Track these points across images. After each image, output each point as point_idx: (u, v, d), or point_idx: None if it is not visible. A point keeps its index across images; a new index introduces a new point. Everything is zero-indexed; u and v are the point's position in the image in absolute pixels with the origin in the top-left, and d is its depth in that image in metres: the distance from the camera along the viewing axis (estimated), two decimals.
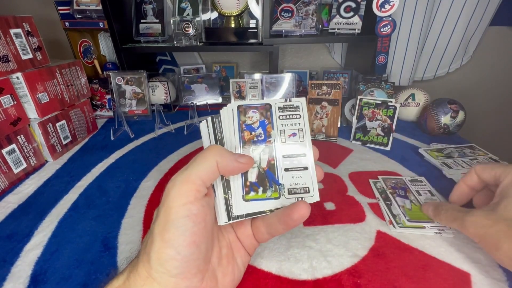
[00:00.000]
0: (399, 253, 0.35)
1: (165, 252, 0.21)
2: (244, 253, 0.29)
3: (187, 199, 0.22)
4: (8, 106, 0.49)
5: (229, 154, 0.25)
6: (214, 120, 0.28)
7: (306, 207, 0.25)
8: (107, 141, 0.66)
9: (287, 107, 0.28)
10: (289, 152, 0.27)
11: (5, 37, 0.49)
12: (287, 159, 0.27)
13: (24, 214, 0.44)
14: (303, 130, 0.28)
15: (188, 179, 0.22)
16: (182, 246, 0.21)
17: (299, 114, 0.28)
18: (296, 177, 0.27)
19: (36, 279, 0.33)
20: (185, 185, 0.22)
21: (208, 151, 0.24)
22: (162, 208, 0.22)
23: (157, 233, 0.22)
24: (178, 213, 0.21)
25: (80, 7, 0.78)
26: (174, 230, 0.21)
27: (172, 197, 0.22)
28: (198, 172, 0.23)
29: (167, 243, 0.21)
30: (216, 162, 0.23)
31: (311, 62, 1.03)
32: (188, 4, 0.83)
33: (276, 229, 0.26)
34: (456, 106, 0.62)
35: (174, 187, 0.22)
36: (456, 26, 0.85)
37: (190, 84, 0.85)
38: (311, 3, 0.79)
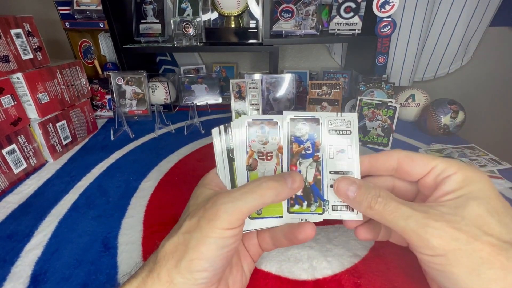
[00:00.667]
0: (399, 253, 0.35)
1: (199, 264, 0.21)
2: (250, 260, 0.29)
3: (233, 226, 0.22)
4: (8, 106, 0.49)
5: (284, 187, 0.24)
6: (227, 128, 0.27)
7: (312, 229, 0.25)
8: (107, 141, 0.66)
9: (338, 121, 0.27)
10: (336, 168, 0.27)
11: (6, 37, 0.49)
12: (334, 175, 0.27)
13: (24, 214, 0.44)
14: (352, 147, 0.27)
15: (240, 212, 0.22)
16: (217, 261, 0.22)
17: (350, 130, 0.27)
18: None
19: (36, 279, 0.33)
20: (236, 215, 0.22)
21: (266, 189, 0.23)
22: (205, 221, 0.22)
23: (194, 244, 0.22)
24: (222, 234, 0.22)
25: (81, 7, 0.78)
26: (214, 247, 0.22)
27: (221, 222, 0.22)
28: (251, 208, 0.23)
29: (202, 255, 0.21)
30: (271, 201, 0.24)
31: (311, 63, 1.03)
32: (188, 4, 0.83)
33: (280, 243, 0.27)
34: (456, 106, 0.62)
35: (225, 213, 0.22)
36: (456, 26, 0.85)
37: (190, 84, 0.85)
38: (311, 3, 0.79)
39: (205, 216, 0.23)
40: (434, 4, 0.82)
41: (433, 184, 0.24)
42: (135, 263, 0.35)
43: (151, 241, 0.38)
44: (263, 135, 0.27)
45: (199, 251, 0.21)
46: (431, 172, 0.24)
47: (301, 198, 0.27)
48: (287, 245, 0.27)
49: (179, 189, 0.48)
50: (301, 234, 0.25)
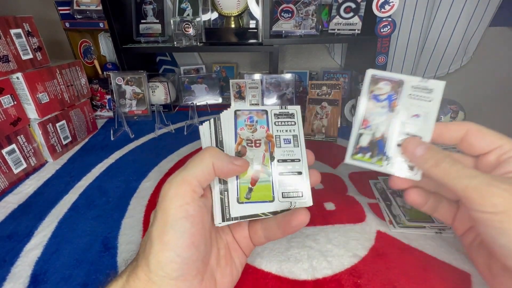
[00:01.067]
0: (399, 253, 0.35)
1: (165, 255, 0.21)
2: (241, 253, 0.29)
3: (184, 200, 0.22)
4: (8, 106, 0.49)
5: (225, 156, 0.25)
6: (216, 121, 0.28)
7: (306, 214, 0.25)
8: (107, 141, 0.66)
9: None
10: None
11: (5, 37, 0.49)
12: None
13: (24, 214, 0.44)
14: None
15: (184, 180, 0.22)
16: (181, 248, 0.21)
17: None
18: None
19: (36, 279, 0.33)
20: (182, 186, 0.22)
21: (205, 153, 0.24)
22: (159, 210, 0.22)
23: (155, 236, 0.21)
24: (176, 215, 0.21)
25: (80, 7, 0.78)
26: (173, 232, 0.21)
27: (169, 198, 0.22)
28: (194, 173, 0.23)
29: (166, 246, 0.21)
30: (212, 163, 0.24)
31: (311, 63, 1.03)
32: (188, 4, 0.83)
33: (273, 234, 0.27)
34: (456, 106, 0.62)
35: (170, 188, 0.22)
36: (456, 26, 0.85)
37: (190, 85, 0.85)
38: (311, 3, 0.79)
39: (158, 203, 0.22)
40: (434, 4, 0.82)
41: (494, 162, 0.24)
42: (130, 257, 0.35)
43: None
44: (252, 124, 0.29)
45: (162, 242, 0.21)
46: (496, 150, 0.24)
47: (366, 149, 0.28)
48: (280, 236, 0.26)
49: None
50: (294, 220, 0.25)
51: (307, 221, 0.25)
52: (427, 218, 0.38)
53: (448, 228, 0.37)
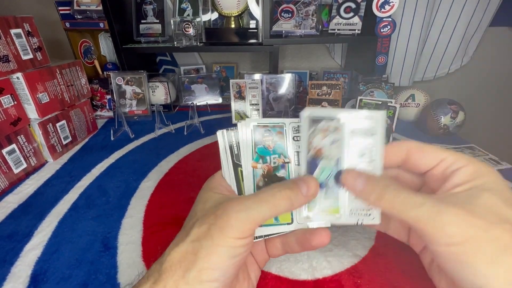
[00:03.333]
0: (399, 253, 0.35)
1: (210, 274, 0.20)
2: (257, 267, 0.28)
3: (246, 235, 0.22)
4: (8, 106, 0.49)
5: (298, 196, 0.23)
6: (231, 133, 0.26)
7: (327, 235, 0.24)
8: (107, 141, 0.66)
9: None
10: None
11: (6, 37, 0.49)
12: None
13: (24, 214, 0.44)
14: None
15: (253, 221, 0.22)
16: (229, 269, 0.21)
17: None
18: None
19: (36, 279, 0.33)
20: (249, 225, 0.21)
21: (280, 199, 0.22)
22: (216, 229, 0.21)
23: (204, 253, 0.21)
24: (234, 243, 0.21)
25: (81, 8, 0.78)
26: (225, 256, 0.21)
27: (233, 231, 0.21)
28: (264, 217, 0.22)
29: (214, 265, 0.21)
30: (285, 211, 0.23)
31: (311, 63, 1.03)
32: (189, 4, 0.83)
33: (292, 248, 0.26)
34: (456, 106, 0.62)
35: (237, 222, 0.21)
36: (456, 26, 0.85)
37: (190, 85, 0.85)
38: (311, 3, 0.79)
39: (216, 223, 0.22)
40: (434, 4, 0.82)
41: (441, 177, 0.23)
42: (135, 263, 0.35)
43: (151, 241, 0.38)
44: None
45: (210, 261, 0.21)
46: (440, 164, 0.23)
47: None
48: (298, 251, 0.26)
49: (179, 189, 0.48)
50: (315, 239, 0.24)
51: (328, 241, 0.24)
52: None
53: None
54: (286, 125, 0.26)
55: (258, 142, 0.26)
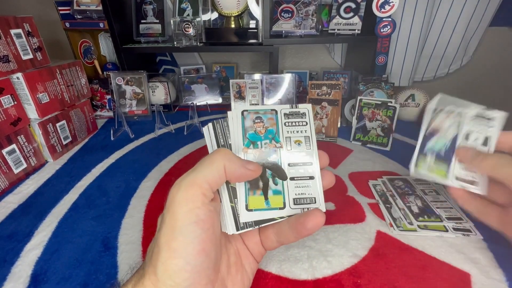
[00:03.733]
0: (399, 253, 0.35)
1: (174, 263, 0.20)
2: (252, 260, 0.27)
3: (193, 204, 0.20)
4: (8, 106, 0.49)
5: (237, 159, 0.23)
6: (215, 125, 0.27)
7: (321, 216, 0.24)
8: (107, 141, 0.66)
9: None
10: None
11: (6, 38, 0.49)
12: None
13: (24, 214, 0.44)
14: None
15: (194, 183, 0.21)
16: (192, 255, 0.20)
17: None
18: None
19: (36, 279, 0.33)
20: (191, 189, 0.21)
21: (216, 154, 0.22)
22: (167, 214, 0.21)
23: (163, 242, 0.20)
24: (185, 219, 0.20)
25: (81, 8, 0.78)
26: (182, 238, 0.20)
27: (178, 202, 0.20)
28: (204, 175, 0.21)
29: (175, 253, 0.20)
30: (223, 166, 0.22)
31: (311, 63, 1.03)
32: (188, 4, 0.83)
33: (287, 237, 0.25)
34: None
35: (179, 191, 0.21)
36: (456, 26, 0.85)
37: (190, 85, 0.85)
38: (311, 3, 0.79)
39: (166, 207, 0.21)
40: (434, 4, 0.82)
41: None
42: (135, 263, 0.35)
43: (151, 241, 0.38)
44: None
45: (170, 248, 0.20)
46: None
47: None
48: (293, 239, 0.25)
49: None
50: (309, 222, 0.23)
51: (322, 222, 0.23)
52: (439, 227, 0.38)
53: (449, 232, 0.37)
54: (278, 111, 0.27)
55: (248, 128, 0.26)
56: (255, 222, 0.25)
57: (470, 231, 0.37)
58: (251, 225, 0.25)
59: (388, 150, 0.60)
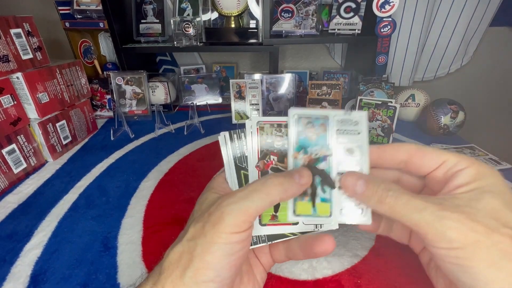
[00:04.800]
0: (399, 253, 0.35)
1: (205, 273, 0.20)
2: (262, 269, 0.28)
3: (240, 229, 0.21)
4: (8, 106, 0.49)
5: (291, 183, 0.22)
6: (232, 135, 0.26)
7: (331, 242, 0.24)
8: (107, 141, 0.66)
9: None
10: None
11: (5, 37, 0.49)
12: None
13: (24, 214, 0.44)
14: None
15: (246, 213, 0.21)
16: (225, 269, 0.21)
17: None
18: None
19: (36, 279, 0.33)
20: (242, 217, 0.21)
21: (272, 186, 0.22)
22: (211, 228, 0.21)
23: (199, 252, 0.20)
24: (228, 239, 0.21)
25: (80, 7, 0.78)
26: (220, 254, 0.20)
27: (226, 225, 0.21)
28: (258, 208, 0.21)
29: (209, 265, 0.20)
30: (279, 199, 0.22)
31: (311, 63, 1.03)
32: (188, 4, 0.83)
33: (295, 255, 0.26)
34: (456, 106, 0.62)
35: (229, 215, 0.21)
36: (456, 26, 0.85)
37: (190, 84, 0.85)
38: (311, 3, 0.79)
39: (209, 220, 0.21)
40: (434, 4, 0.82)
41: (442, 179, 0.23)
42: (135, 263, 0.35)
43: (151, 241, 0.38)
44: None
45: (204, 260, 0.20)
46: (442, 166, 0.23)
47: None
48: (301, 258, 0.25)
49: (179, 189, 0.48)
50: (318, 247, 0.24)
51: (331, 249, 0.23)
52: None
53: None
54: (330, 118, 0.25)
55: (300, 132, 0.25)
56: (268, 237, 0.25)
57: None
58: (264, 240, 0.25)
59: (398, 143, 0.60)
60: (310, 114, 0.25)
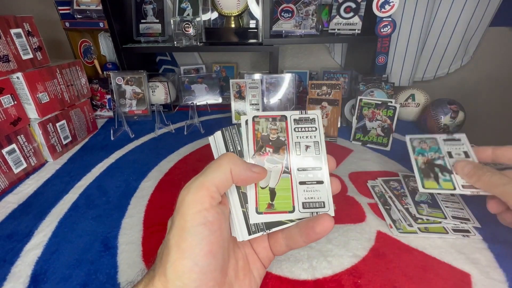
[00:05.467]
0: (399, 253, 0.35)
1: (182, 264, 0.20)
2: (260, 265, 0.28)
3: (202, 205, 0.21)
4: (8, 106, 0.49)
5: (243, 163, 0.24)
6: (224, 132, 0.28)
7: (330, 220, 0.24)
8: (107, 141, 0.66)
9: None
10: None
11: (6, 37, 0.49)
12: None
13: (24, 214, 0.44)
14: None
15: (203, 186, 0.22)
16: (200, 256, 0.21)
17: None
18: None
19: (36, 279, 0.33)
20: (200, 191, 0.22)
21: (222, 159, 0.24)
22: (177, 216, 0.22)
23: (173, 243, 0.21)
24: (194, 220, 0.21)
25: (80, 7, 0.78)
26: (191, 239, 0.21)
27: (187, 204, 0.21)
28: (212, 178, 0.22)
29: (184, 254, 0.20)
30: (230, 169, 0.23)
31: (311, 63, 1.03)
32: (188, 4, 0.83)
33: (296, 242, 0.26)
34: (456, 106, 0.62)
35: (188, 194, 0.22)
36: (456, 26, 0.85)
37: (190, 84, 0.85)
38: (311, 3, 0.79)
39: (176, 210, 0.22)
40: (434, 4, 0.82)
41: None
42: (135, 263, 0.35)
43: (151, 241, 0.38)
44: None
45: (179, 249, 0.20)
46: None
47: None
48: (302, 243, 0.26)
49: (179, 189, 0.48)
50: (318, 226, 0.24)
51: (331, 227, 0.24)
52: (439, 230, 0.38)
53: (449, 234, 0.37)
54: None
55: (415, 146, 0.42)
56: (266, 225, 0.26)
57: (469, 231, 0.37)
58: (262, 229, 0.25)
59: (388, 150, 0.60)
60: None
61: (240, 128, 0.28)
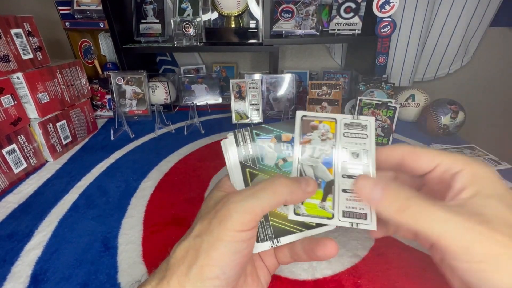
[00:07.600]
0: (399, 253, 0.35)
1: (211, 270, 0.20)
2: (266, 272, 0.28)
3: (246, 227, 0.21)
4: (8, 106, 0.49)
5: (298, 188, 0.23)
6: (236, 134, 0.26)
7: (333, 247, 0.24)
8: (107, 141, 0.66)
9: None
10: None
11: (6, 37, 0.49)
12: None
13: (24, 214, 0.44)
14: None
15: (253, 211, 0.21)
16: (230, 267, 0.21)
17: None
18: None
19: (36, 279, 0.33)
20: (248, 215, 0.21)
21: (279, 186, 0.22)
22: (218, 225, 0.21)
23: (204, 248, 0.21)
24: (233, 238, 0.21)
25: (81, 7, 0.78)
26: (225, 250, 0.21)
27: (232, 222, 0.21)
28: (263, 205, 0.22)
29: (213, 261, 0.20)
30: (285, 201, 0.23)
31: (311, 63, 1.03)
32: (189, 4, 0.83)
33: (299, 256, 0.26)
34: (456, 106, 0.62)
35: (236, 213, 0.21)
36: (457, 27, 0.85)
37: (190, 84, 0.85)
38: (311, 3, 0.79)
39: (216, 217, 0.22)
40: (434, 4, 0.82)
41: (440, 181, 0.23)
42: (135, 263, 0.35)
43: (151, 241, 0.38)
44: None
45: (210, 256, 0.20)
46: (437, 168, 0.23)
47: None
48: (306, 260, 0.25)
49: (179, 189, 0.48)
50: (320, 251, 0.24)
51: (334, 254, 0.24)
52: None
53: None
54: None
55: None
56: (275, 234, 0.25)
57: None
58: (270, 237, 0.25)
59: (393, 145, 0.60)
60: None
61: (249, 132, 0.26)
